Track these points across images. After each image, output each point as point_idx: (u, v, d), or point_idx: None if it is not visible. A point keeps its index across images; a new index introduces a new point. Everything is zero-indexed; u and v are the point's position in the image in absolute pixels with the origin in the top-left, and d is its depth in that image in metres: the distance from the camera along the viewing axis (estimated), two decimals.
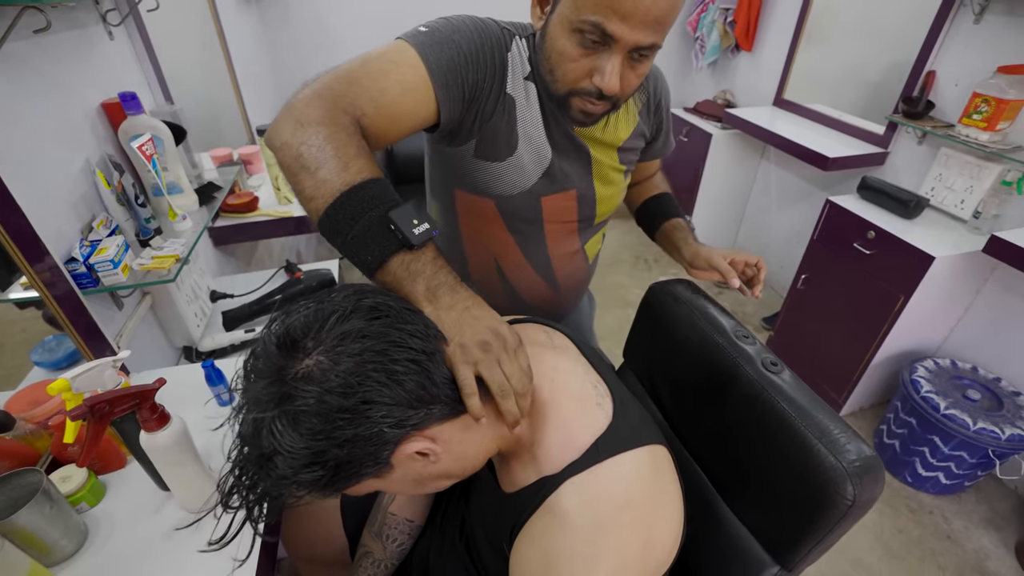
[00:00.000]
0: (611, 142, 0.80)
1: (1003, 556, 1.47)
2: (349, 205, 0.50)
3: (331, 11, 2.33)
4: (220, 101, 1.75)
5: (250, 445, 0.44)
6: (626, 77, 0.62)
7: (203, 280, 1.21)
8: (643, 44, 0.58)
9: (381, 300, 0.48)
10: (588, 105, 0.65)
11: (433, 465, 0.50)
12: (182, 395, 0.82)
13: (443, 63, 0.63)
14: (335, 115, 0.55)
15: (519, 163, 0.74)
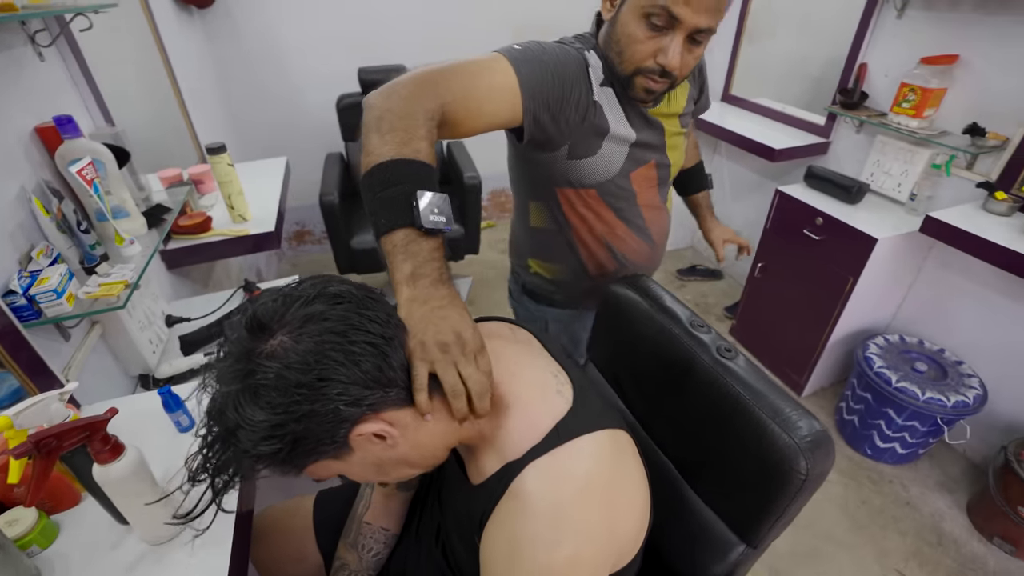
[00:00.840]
0: (673, 112, 0.91)
1: (956, 516, 1.56)
2: (391, 171, 0.56)
3: (281, 25, 2.30)
4: (166, 120, 1.70)
5: (216, 421, 0.46)
6: (684, 58, 0.73)
7: (157, 305, 1.17)
8: (702, 27, 0.69)
9: (345, 288, 0.50)
10: (650, 83, 0.76)
11: (392, 449, 0.51)
12: (138, 424, 0.79)
13: (533, 77, 0.72)
14: (422, 97, 0.62)
15: (609, 153, 0.85)
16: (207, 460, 0.47)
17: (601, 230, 0.94)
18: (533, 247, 1.03)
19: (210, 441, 0.47)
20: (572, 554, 0.46)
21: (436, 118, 0.63)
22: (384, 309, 0.51)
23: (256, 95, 2.41)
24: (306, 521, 0.87)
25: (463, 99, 0.66)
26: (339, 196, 1.94)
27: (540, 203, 0.94)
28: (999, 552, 1.46)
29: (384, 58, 2.37)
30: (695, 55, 0.74)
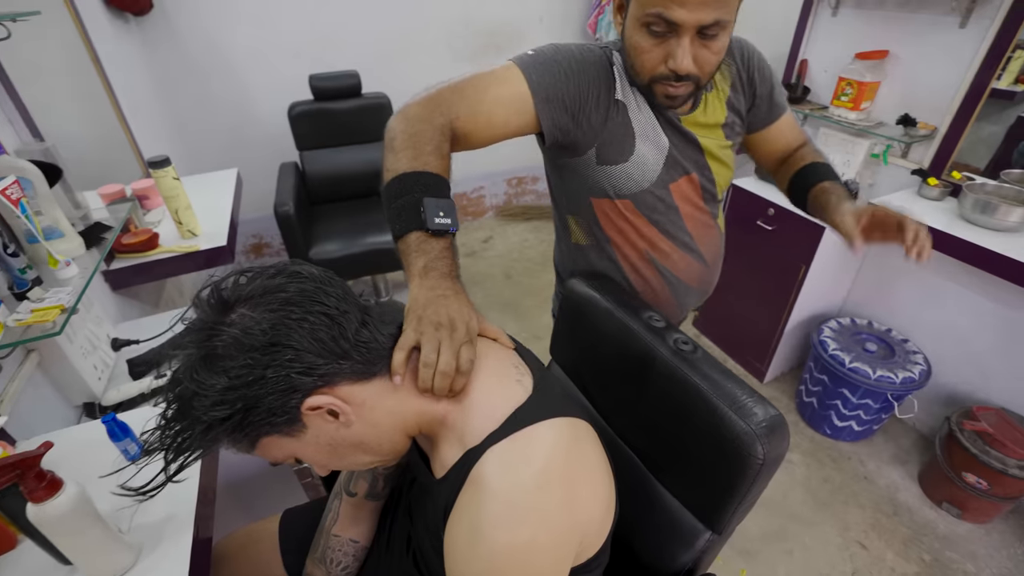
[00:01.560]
0: (713, 123, 0.86)
1: (910, 486, 1.64)
2: (403, 183, 0.63)
3: (225, 31, 2.22)
4: (104, 134, 1.61)
5: (174, 390, 0.47)
6: (701, 56, 0.69)
7: (101, 329, 1.11)
8: (706, 22, 0.64)
9: (306, 268, 0.52)
10: (669, 88, 0.72)
11: (346, 429, 0.52)
12: (82, 457, 0.75)
13: (544, 80, 0.73)
14: (432, 115, 0.69)
15: (641, 160, 0.82)
16: (164, 433, 0.47)
17: (643, 245, 0.90)
18: (576, 266, 0.97)
19: (169, 416, 0.47)
20: (530, 537, 0.46)
21: (446, 133, 0.69)
22: (343, 287, 0.53)
23: (203, 105, 2.32)
24: (271, 543, 0.84)
25: (472, 112, 0.72)
26: (295, 206, 1.89)
27: (578, 217, 0.91)
28: (947, 516, 1.54)
29: (336, 64, 2.32)
30: (713, 50, 0.69)
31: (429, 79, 2.49)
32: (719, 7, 0.64)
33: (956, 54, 1.46)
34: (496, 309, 2.48)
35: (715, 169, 0.89)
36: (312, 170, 2.26)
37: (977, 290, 1.54)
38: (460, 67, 2.65)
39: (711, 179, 0.89)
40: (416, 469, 0.64)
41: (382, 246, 2.02)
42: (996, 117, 1.54)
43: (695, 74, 0.70)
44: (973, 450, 1.41)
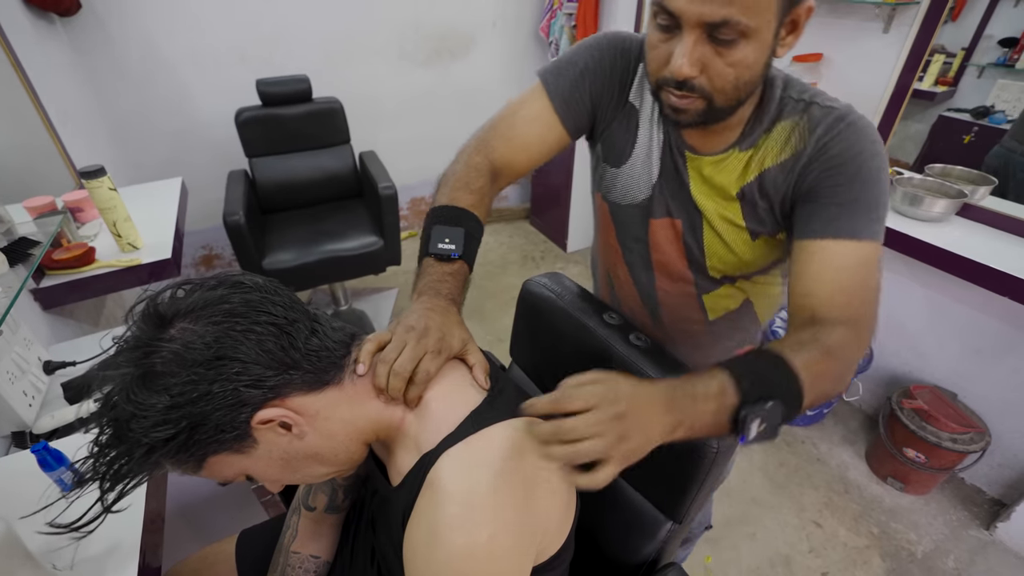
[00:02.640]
0: (723, 183, 0.69)
1: (858, 464, 1.74)
2: (432, 216, 0.67)
3: (163, 34, 2.12)
4: (29, 143, 1.50)
5: (108, 414, 0.44)
6: (713, 65, 0.56)
7: (31, 351, 1.03)
8: (710, 19, 0.52)
9: (249, 278, 0.50)
10: (671, 97, 0.60)
11: (299, 441, 0.51)
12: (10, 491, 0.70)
13: (562, 84, 0.73)
14: (471, 158, 0.73)
15: (631, 172, 0.76)
16: (98, 461, 0.45)
17: (610, 258, 0.86)
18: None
19: (103, 442, 0.44)
20: (489, 539, 0.46)
21: (483, 170, 0.72)
22: (289, 296, 0.51)
23: (142, 112, 2.21)
24: (228, 566, 0.81)
25: (506, 142, 0.75)
26: (246, 215, 1.83)
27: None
28: (892, 490, 1.64)
29: (284, 68, 2.26)
30: (728, 60, 0.55)
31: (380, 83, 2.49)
32: (730, 3, 0.51)
33: (881, 57, 1.56)
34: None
35: (709, 242, 0.73)
36: (263, 178, 2.18)
37: (910, 277, 1.65)
38: (411, 71, 2.65)
39: (698, 244, 0.74)
40: (374, 479, 0.63)
41: (339, 254, 1.97)
42: (920, 116, 1.66)
43: (699, 84, 0.57)
44: (911, 426, 1.51)
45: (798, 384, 0.52)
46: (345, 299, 2.37)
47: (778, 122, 0.65)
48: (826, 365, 0.55)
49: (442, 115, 2.88)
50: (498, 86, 2.95)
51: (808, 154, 0.63)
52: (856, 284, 0.60)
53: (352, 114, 2.28)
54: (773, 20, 0.54)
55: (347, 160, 2.30)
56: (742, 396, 0.50)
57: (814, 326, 0.59)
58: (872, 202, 0.61)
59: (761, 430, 0.50)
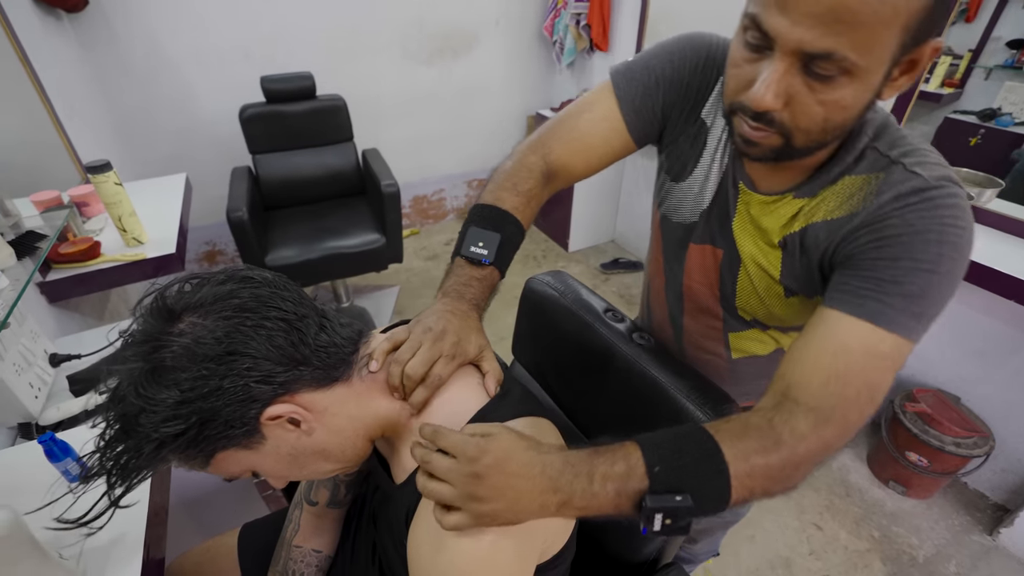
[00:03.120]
0: (767, 226, 0.62)
1: (859, 467, 1.73)
2: (472, 213, 0.65)
3: (167, 31, 2.12)
4: (37, 138, 1.51)
5: (116, 410, 0.44)
6: (800, 99, 0.47)
7: (37, 344, 1.04)
8: (811, 48, 0.43)
9: (257, 272, 0.50)
10: (744, 126, 0.52)
11: (307, 437, 0.51)
12: (18, 481, 0.70)
13: (633, 90, 0.67)
14: (525, 156, 0.69)
15: (686, 190, 0.69)
16: (104, 456, 0.44)
17: (651, 266, 0.82)
18: None
19: (110, 437, 0.44)
20: (492, 543, 0.46)
21: (535, 171, 0.68)
22: (298, 291, 0.51)
23: (147, 107, 2.22)
24: (230, 560, 0.81)
25: (566, 144, 0.69)
26: (249, 211, 1.83)
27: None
28: (894, 494, 1.64)
29: (288, 65, 2.26)
30: (821, 98, 0.46)
31: (383, 81, 2.50)
32: (839, 31, 0.42)
33: None
34: None
35: (742, 284, 0.67)
36: (266, 174, 2.19)
37: None
38: (415, 70, 2.65)
39: (732, 279, 0.68)
40: (376, 475, 0.63)
41: (341, 250, 1.98)
42: (926, 118, 1.65)
43: (779, 118, 0.49)
44: (914, 430, 1.50)
45: (724, 480, 0.46)
46: (347, 296, 2.38)
47: (848, 175, 0.56)
48: (769, 460, 0.47)
49: (445, 114, 2.88)
50: (501, 85, 2.95)
51: (861, 219, 0.53)
52: (852, 374, 0.49)
53: (355, 112, 2.29)
54: (887, 59, 0.44)
55: (350, 157, 2.30)
56: (650, 483, 0.45)
57: (779, 404, 0.51)
58: (918, 293, 0.49)
59: (667, 524, 0.45)
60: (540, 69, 3.02)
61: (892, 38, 0.43)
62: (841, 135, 0.53)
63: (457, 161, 3.10)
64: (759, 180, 0.62)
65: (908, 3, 0.41)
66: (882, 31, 0.42)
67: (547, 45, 2.92)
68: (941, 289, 0.50)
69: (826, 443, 0.49)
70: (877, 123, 0.56)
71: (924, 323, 0.50)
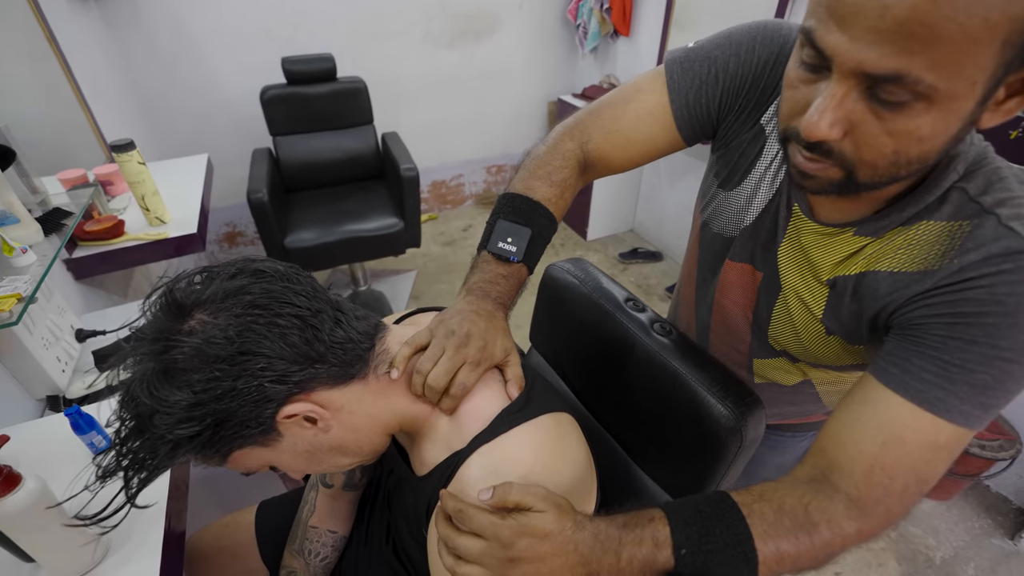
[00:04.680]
0: (817, 260, 0.55)
1: None
2: (502, 202, 0.62)
3: (190, 11, 2.13)
4: (63, 117, 1.53)
5: (129, 409, 0.43)
6: (863, 128, 0.39)
7: (64, 319, 1.06)
8: (875, 71, 0.36)
9: (269, 265, 0.48)
10: (798, 157, 0.45)
11: (324, 434, 0.50)
12: (46, 451, 0.72)
13: (688, 82, 0.59)
14: (561, 142, 0.65)
15: (732, 201, 0.63)
16: (120, 455, 0.44)
17: (685, 269, 0.78)
18: None
19: (124, 435, 0.43)
20: None
21: (570, 160, 0.64)
22: (311, 284, 0.50)
23: (170, 88, 2.23)
24: (247, 535, 0.83)
25: (606, 134, 0.64)
26: (269, 193, 1.84)
27: None
28: None
29: (308, 47, 2.26)
30: (890, 128, 0.38)
31: (404, 64, 2.48)
32: (912, 52, 0.34)
33: None
34: None
35: (778, 314, 0.61)
36: (286, 156, 2.20)
37: None
38: (436, 53, 2.62)
39: (768, 314, 0.63)
40: (391, 459, 0.63)
41: (360, 234, 1.98)
42: None
43: (838, 149, 0.41)
44: None
45: (752, 568, 0.43)
46: (364, 279, 2.39)
47: (926, 219, 0.47)
48: (800, 549, 0.44)
49: (465, 98, 2.86)
50: (523, 70, 2.91)
51: (939, 279, 0.44)
52: (903, 467, 0.44)
53: (375, 94, 2.28)
54: (982, 81, 0.35)
55: (370, 141, 2.30)
56: (676, 565, 0.43)
57: (817, 486, 0.46)
58: (990, 384, 0.42)
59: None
60: (563, 54, 2.97)
61: (988, 56, 0.34)
62: (921, 169, 0.43)
63: (477, 146, 3.08)
64: (818, 206, 0.54)
65: (1009, 12, 0.31)
66: (973, 48, 0.33)
67: (571, 29, 2.86)
68: (1017, 379, 0.42)
69: (863, 535, 0.46)
70: (972, 156, 0.46)
71: (991, 413, 0.44)
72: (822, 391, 0.70)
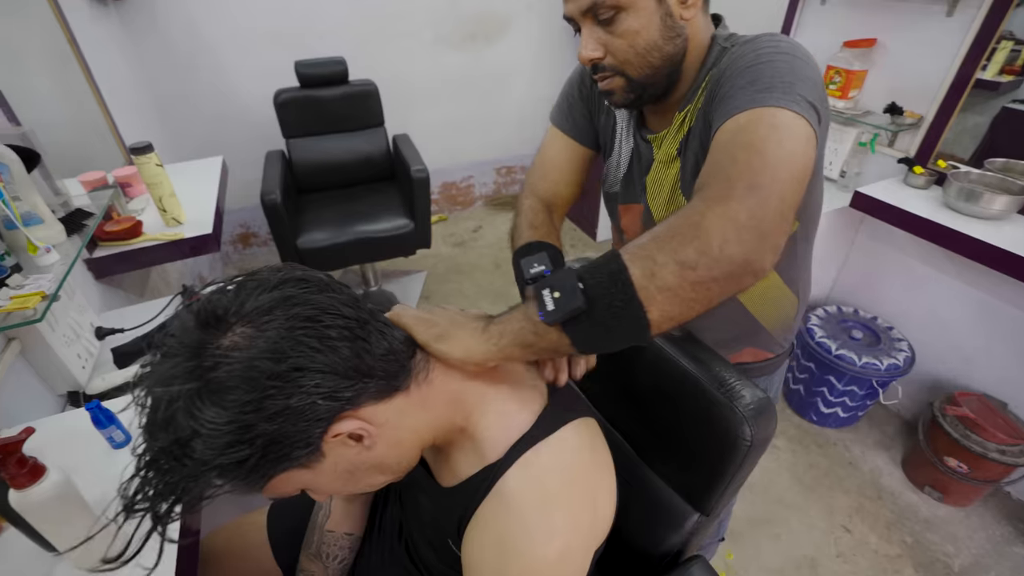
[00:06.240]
0: (668, 149, 0.71)
1: (893, 471, 1.68)
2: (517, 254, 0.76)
3: (206, 17, 2.17)
4: (85, 120, 1.57)
5: (161, 432, 0.39)
6: (611, 44, 0.62)
7: (85, 317, 1.09)
8: (585, 7, 0.60)
9: (309, 273, 0.46)
10: (598, 85, 0.68)
11: (367, 452, 0.48)
12: (67, 445, 0.74)
13: (565, 115, 0.85)
14: (523, 202, 0.84)
15: (615, 160, 0.81)
16: (146, 483, 0.40)
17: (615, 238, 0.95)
18: None
19: (150, 459, 0.39)
20: (563, 546, 0.46)
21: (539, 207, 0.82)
22: (350, 293, 0.48)
23: (186, 91, 2.28)
24: (260, 537, 0.84)
25: (544, 178, 0.86)
26: (282, 195, 1.87)
27: None
28: (929, 500, 1.58)
29: (320, 50, 2.29)
30: (616, 32, 0.61)
31: (414, 66, 2.50)
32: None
33: (942, 44, 1.47)
34: (487, 299, 2.47)
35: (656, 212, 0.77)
36: (299, 158, 2.23)
37: (960, 277, 1.57)
38: (446, 54, 2.64)
39: (652, 223, 0.77)
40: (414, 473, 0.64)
41: (371, 235, 2.00)
42: (981, 107, 1.56)
43: (608, 63, 0.63)
44: (955, 435, 1.44)
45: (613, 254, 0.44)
46: (375, 280, 2.41)
47: (711, 71, 0.65)
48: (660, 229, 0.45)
49: (475, 99, 2.87)
50: (531, 70, 2.92)
51: (715, 77, 0.62)
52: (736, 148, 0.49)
53: (386, 96, 2.30)
54: None
55: (381, 143, 2.32)
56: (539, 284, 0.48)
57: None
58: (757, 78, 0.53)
59: (557, 297, 0.44)
60: (572, 56, 2.97)
61: None
62: (668, 55, 0.64)
63: (486, 147, 3.10)
64: (658, 125, 0.74)
65: None
66: None
67: None
68: (778, 68, 0.54)
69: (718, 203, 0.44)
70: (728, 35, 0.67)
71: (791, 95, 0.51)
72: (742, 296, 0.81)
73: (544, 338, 0.46)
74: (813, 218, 0.75)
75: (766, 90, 0.52)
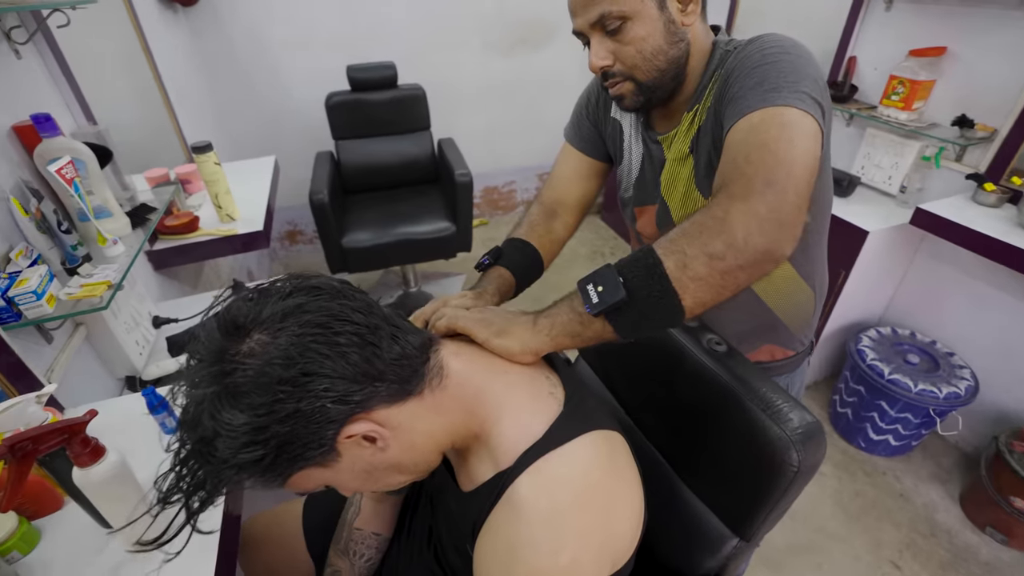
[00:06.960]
0: (680, 147, 0.75)
1: (950, 507, 1.56)
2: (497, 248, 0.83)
3: (267, 22, 2.27)
4: (152, 120, 1.67)
5: (190, 431, 0.43)
6: (618, 52, 0.66)
7: (143, 306, 1.15)
8: (592, 20, 0.64)
9: (323, 280, 0.48)
10: (609, 91, 0.72)
11: (382, 453, 0.49)
12: (124, 427, 0.77)
13: (574, 131, 0.90)
14: (531, 210, 0.90)
15: (626, 166, 0.85)
16: (180, 478, 0.44)
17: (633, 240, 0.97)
18: None
19: (183, 456, 0.43)
20: (571, 560, 0.45)
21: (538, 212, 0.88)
22: (365, 299, 0.49)
23: (244, 94, 2.39)
24: (295, 526, 0.86)
25: (552, 187, 0.91)
26: (329, 195, 1.93)
27: None
28: (991, 541, 1.46)
29: (371, 55, 2.35)
30: (624, 40, 0.65)
31: (462, 71, 2.54)
32: (595, 5, 0.63)
33: (1021, 51, 1.37)
34: (527, 303, 2.46)
35: (673, 208, 0.79)
36: (347, 160, 2.29)
37: None
38: (493, 60, 2.67)
39: (667, 217, 0.80)
40: (439, 474, 0.64)
41: (413, 237, 2.04)
42: None
43: (617, 70, 0.68)
44: (1022, 473, 1.33)
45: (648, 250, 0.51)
46: (415, 281, 2.46)
47: (717, 71, 0.68)
48: (688, 225, 0.51)
49: (520, 104, 2.89)
50: (577, 77, 2.90)
51: (723, 77, 0.66)
52: (751, 147, 0.54)
53: (433, 101, 2.34)
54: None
55: (426, 146, 2.36)
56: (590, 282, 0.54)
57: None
58: (763, 78, 0.58)
59: (600, 291, 0.51)
60: None
61: None
62: (674, 58, 0.67)
63: (529, 153, 3.10)
64: (666, 127, 0.77)
65: None
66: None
67: None
68: (783, 68, 0.58)
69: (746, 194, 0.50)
70: (729, 39, 0.71)
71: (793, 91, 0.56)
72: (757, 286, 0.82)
73: (589, 328, 0.53)
74: (823, 210, 0.76)
75: (774, 90, 0.57)
